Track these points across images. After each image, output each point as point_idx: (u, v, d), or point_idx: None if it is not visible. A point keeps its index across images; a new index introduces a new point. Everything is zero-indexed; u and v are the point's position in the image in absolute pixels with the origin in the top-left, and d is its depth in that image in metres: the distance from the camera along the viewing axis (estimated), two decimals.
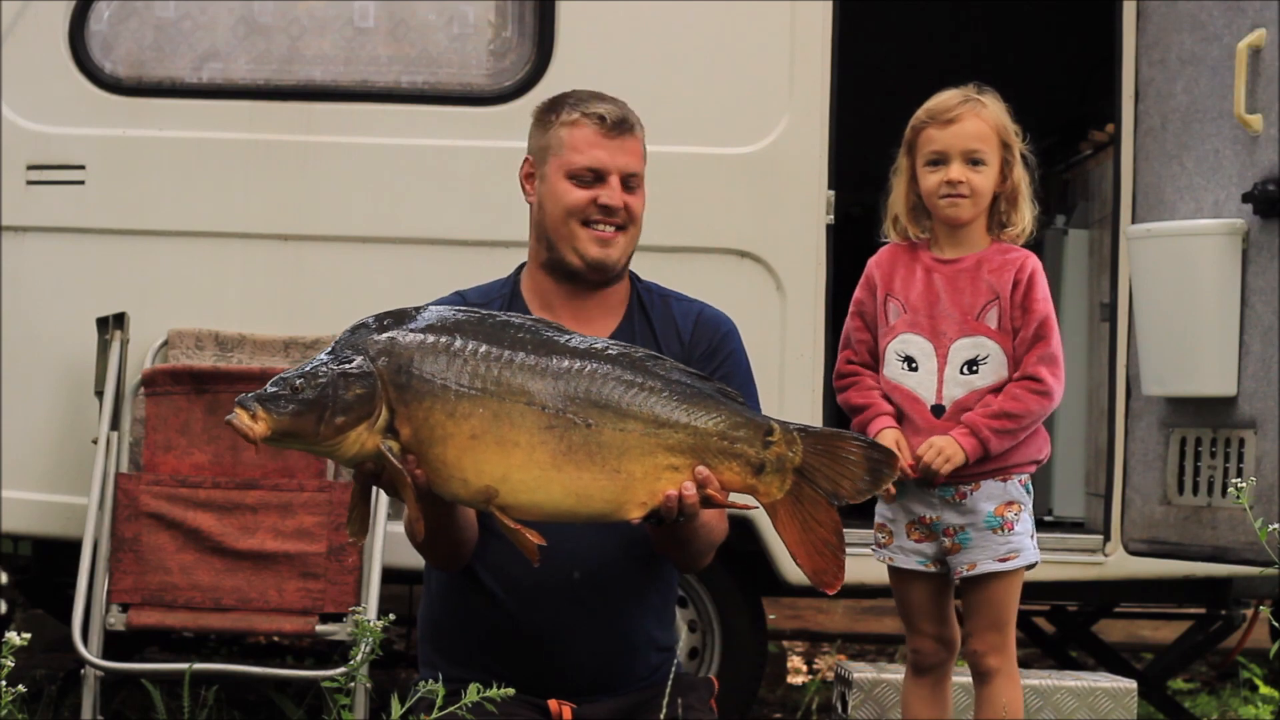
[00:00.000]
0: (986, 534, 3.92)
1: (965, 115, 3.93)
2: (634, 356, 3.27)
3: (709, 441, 3.26)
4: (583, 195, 3.63)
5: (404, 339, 3.21)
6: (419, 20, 5.55)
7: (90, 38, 5.48)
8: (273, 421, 3.12)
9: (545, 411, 3.20)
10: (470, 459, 3.19)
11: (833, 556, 3.33)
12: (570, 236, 3.63)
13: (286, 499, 5.17)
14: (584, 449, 3.21)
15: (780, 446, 3.29)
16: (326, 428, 3.14)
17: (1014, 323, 3.91)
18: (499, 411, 3.19)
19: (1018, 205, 3.97)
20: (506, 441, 3.19)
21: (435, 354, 3.20)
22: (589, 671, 3.63)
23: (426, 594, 3.77)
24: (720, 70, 5.51)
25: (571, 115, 3.66)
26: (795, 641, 8.37)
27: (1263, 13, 4.82)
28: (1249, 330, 4.83)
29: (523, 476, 3.20)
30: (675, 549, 3.61)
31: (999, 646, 3.94)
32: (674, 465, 3.25)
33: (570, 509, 3.24)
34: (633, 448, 3.23)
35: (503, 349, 3.22)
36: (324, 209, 5.49)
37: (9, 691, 3.36)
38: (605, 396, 3.22)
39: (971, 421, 3.86)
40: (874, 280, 4.01)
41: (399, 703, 3.33)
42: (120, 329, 5.32)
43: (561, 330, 3.30)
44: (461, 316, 3.28)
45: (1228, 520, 4.88)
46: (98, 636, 5.12)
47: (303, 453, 5.19)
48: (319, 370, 3.17)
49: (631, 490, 3.24)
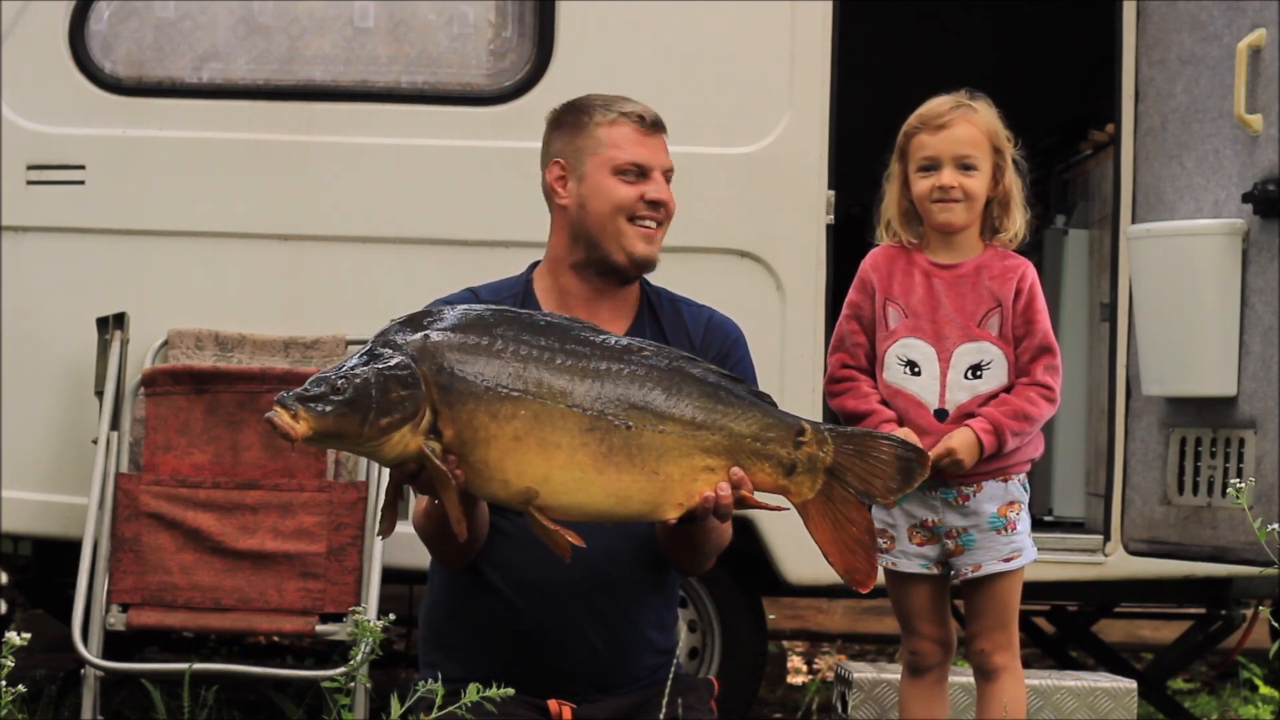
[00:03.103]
0: (991, 535, 3.93)
1: (956, 121, 3.94)
2: (670, 357, 3.30)
3: (743, 443, 3.28)
4: (632, 191, 3.66)
5: (446, 340, 3.20)
6: (419, 20, 5.55)
7: (90, 38, 5.48)
8: (315, 421, 3.10)
9: (586, 413, 3.21)
10: (513, 460, 3.19)
11: (865, 555, 3.38)
12: (618, 233, 3.66)
13: (286, 499, 5.17)
14: (624, 451, 3.22)
15: (811, 447, 3.32)
16: (371, 429, 3.12)
17: (1015, 331, 3.93)
18: (541, 413, 3.19)
19: (1010, 210, 3.98)
20: (549, 443, 3.19)
21: (477, 355, 3.20)
22: (590, 671, 3.64)
23: (430, 592, 3.77)
24: (720, 70, 5.50)
25: (608, 115, 3.70)
26: (795, 641, 8.37)
27: (1263, 13, 4.82)
28: (1249, 330, 4.83)
29: (564, 478, 3.21)
30: (686, 551, 3.63)
31: (1005, 645, 3.96)
32: (710, 466, 3.27)
33: (609, 510, 3.26)
34: (671, 449, 3.25)
35: (542, 349, 3.23)
36: (324, 209, 5.49)
37: (9, 691, 3.37)
38: (644, 398, 3.24)
39: (994, 419, 3.86)
40: (871, 283, 4.00)
41: (399, 703, 3.33)
42: (120, 329, 5.32)
43: (596, 330, 3.31)
44: (498, 316, 3.27)
45: (1228, 520, 4.88)
46: (98, 636, 5.12)
47: (306, 452, 5.21)
48: (361, 371, 3.14)
49: (669, 491, 3.26)
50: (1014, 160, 3.98)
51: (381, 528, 3.32)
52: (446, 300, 3.71)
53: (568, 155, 3.71)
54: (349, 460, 5.29)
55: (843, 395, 3.99)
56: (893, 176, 4.02)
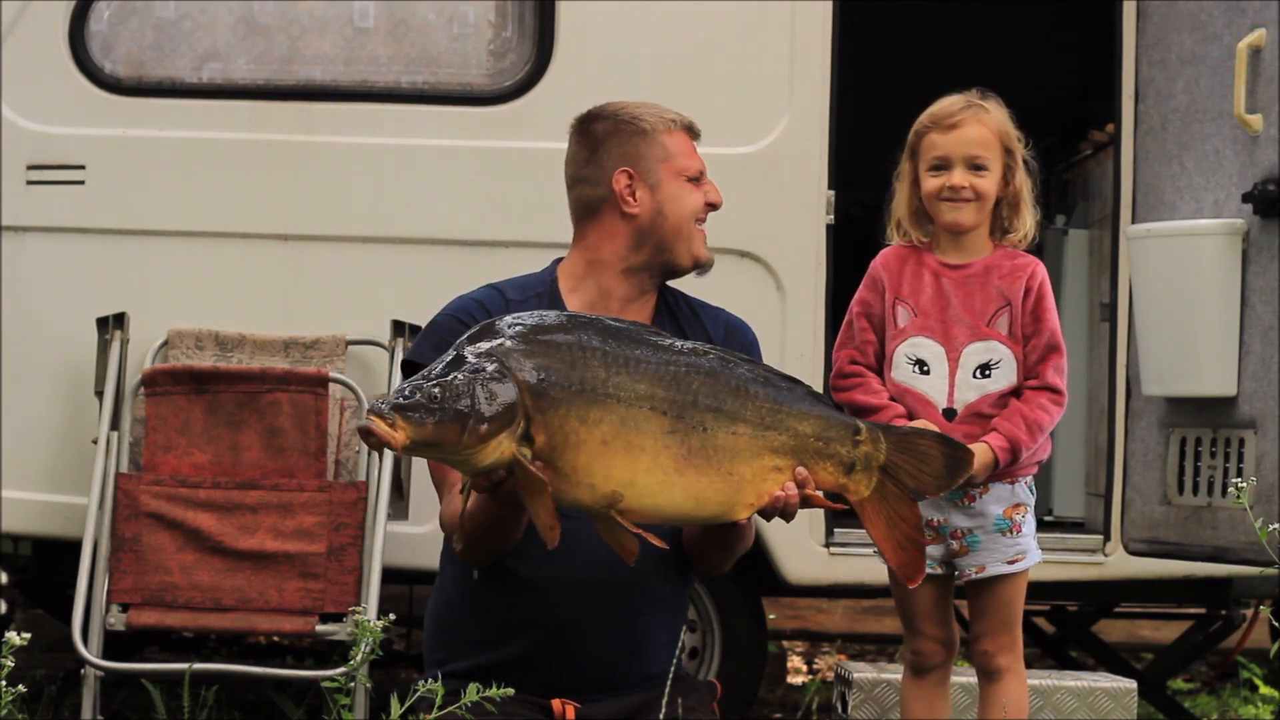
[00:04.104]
0: (995, 536, 3.93)
1: (968, 121, 3.94)
2: (734, 360, 3.33)
3: (807, 443, 3.32)
4: (701, 196, 3.78)
5: (533, 345, 3.19)
6: (419, 20, 5.55)
7: (90, 38, 5.48)
8: (414, 430, 3.08)
9: (666, 416, 3.23)
10: (600, 465, 3.19)
11: (915, 551, 3.43)
12: (688, 238, 3.75)
13: (286, 499, 5.17)
14: (701, 453, 3.25)
15: (868, 445, 3.37)
16: (470, 437, 3.10)
17: (1025, 330, 3.93)
18: (627, 417, 3.20)
19: (1020, 210, 3.98)
20: (634, 447, 3.21)
21: (565, 359, 3.20)
22: (600, 671, 3.65)
23: (439, 589, 3.77)
24: (720, 70, 5.50)
25: (664, 124, 3.77)
26: (795, 641, 8.37)
27: (1263, 13, 4.81)
28: (1249, 330, 4.83)
29: (647, 481, 3.22)
30: (718, 552, 3.67)
31: (1008, 646, 3.96)
32: (778, 466, 3.31)
33: (688, 512, 3.29)
34: (743, 450, 3.28)
35: (621, 353, 3.24)
36: (324, 209, 5.49)
37: (9, 691, 3.36)
38: (716, 400, 3.26)
39: (1010, 434, 3.87)
40: (881, 282, 4.01)
41: (399, 702, 3.33)
42: (120, 329, 5.32)
43: (658, 333, 3.34)
44: (574, 320, 3.28)
45: (1228, 520, 4.88)
46: (98, 636, 5.12)
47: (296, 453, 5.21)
48: (456, 378, 3.11)
49: (742, 492, 3.29)
50: (1024, 161, 3.98)
51: (457, 539, 3.38)
52: (471, 297, 3.73)
53: (638, 162, 3.74)
54: (349, 460, 5.29)
55: (852, 390, 3.98)
56: (903, 175, 4.02)
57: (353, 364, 5.41)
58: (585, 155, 3.76)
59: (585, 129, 3.79)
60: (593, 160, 3.75)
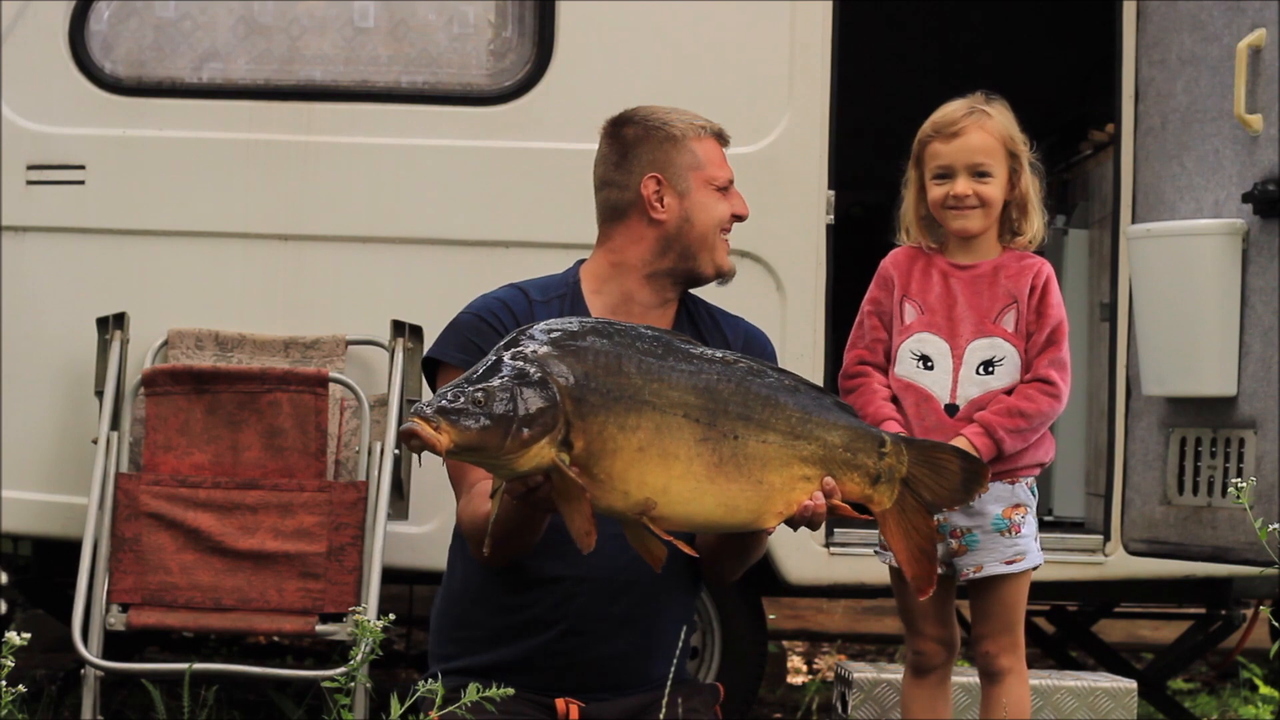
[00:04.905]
0: (994, 536, 3.93)
1: (969, 129, 3.93)
2: (764, 368, 3.33)
3: (835, 453, 3.34)
4: (727, 207, 3.78)
5: (572, 351, 3.19)
6: (419, 20, 5.55)
7: (90, 38, 5.48)
8: (458, 435, 3.08)
9: (699, 424, 3.23)
10: (636, 471, 3.20)
11: (929, 563, 3.45)
12: (713, 247, 3.76)
13: (286, 499, 5.17)
14: (733, 461, 3.25)
15: (891, 458, 3.38)
16: (513, 441, 3.11)
17: (1029, 327, 3.93)
18: (662, 424, 3.21)
19: (1028, 213, 3.98)
20: (669, 454, 3.21)
21: (603, 366, 3.20)
22: (609, 671, 3.66)
23: (447, 585, 3.77)
24: (720, 70, 5.50)
25: (695, 130, 3.76)
26: (795, 641, 8.37)
27: (1263, 13, 4.81)
28: (1249, 330, 4.83)
29: (680, 488, 3.23)
30: (735, 558, 3.68)
31: (1010, 647, 3.96)
32: (806, 476, 3.32)
33: (719, 520, 3.30)
34: (773, 459, 3.29)
35: (655, 360, 3.24)
36: (324, 209, 5.49)
37: (9, 691, 3.37)
38: (747, 409, 3.27)
39: (986, 421, 3.87)
40: (891, 280, 4.01)
41: (399, 703, 3.33)
42: (120, 329, 5.32)
43: (689, 340, 3.34)
44: (608, 327, 3.28)
45: (1228, 520, 4.87)
46: (98, 636, 5.12)
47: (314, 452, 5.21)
48: (498, 383, 3.11)
49: (772, 500, 3.30)
50: (1030, 163, 3.98)
51: (487, 545, 3.36)
52: (494, 296, 3.73)
53: (668, 169, 3.74)
54: (349, 460, 5.29)
55: (851, 393, 3.99)
56: (910, 183, 4.02)
57: (353, 364, 5.41)
58: (615, 159, 3.77)
59: (616, 132, 3.79)
60: (622, 164, 3.76)
